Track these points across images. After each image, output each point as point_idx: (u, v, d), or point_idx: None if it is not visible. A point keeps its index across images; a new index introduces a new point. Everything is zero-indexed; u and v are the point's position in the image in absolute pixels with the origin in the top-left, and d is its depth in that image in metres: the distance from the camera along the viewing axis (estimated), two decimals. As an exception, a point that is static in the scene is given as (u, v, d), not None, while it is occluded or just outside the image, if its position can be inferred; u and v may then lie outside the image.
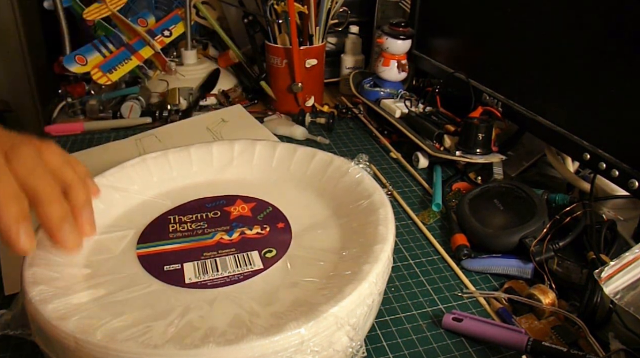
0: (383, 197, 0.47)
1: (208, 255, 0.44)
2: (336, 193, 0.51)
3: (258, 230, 0.47)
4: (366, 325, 0.39)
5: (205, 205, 0.51)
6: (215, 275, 0.41)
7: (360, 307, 0.36)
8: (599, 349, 0.42)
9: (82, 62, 0.87)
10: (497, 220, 0.55)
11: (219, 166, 0.56)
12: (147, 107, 0.86)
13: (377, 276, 0.38)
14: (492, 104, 0.69)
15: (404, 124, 0.77)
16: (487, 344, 0.43)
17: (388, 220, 0.44)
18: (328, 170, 0.53)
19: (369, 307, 0.38)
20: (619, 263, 0.41)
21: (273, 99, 0.91)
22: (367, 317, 0.38)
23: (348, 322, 0.35)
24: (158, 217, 0.49)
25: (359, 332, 0.37)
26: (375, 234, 0.43)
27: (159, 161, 0.55)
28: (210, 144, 0.57)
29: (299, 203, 0.51)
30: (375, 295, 0.38)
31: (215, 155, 0.56)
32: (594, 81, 0.55)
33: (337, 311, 0.34)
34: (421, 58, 0.86)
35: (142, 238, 0.46)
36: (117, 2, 0.90)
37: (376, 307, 0.41)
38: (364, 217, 0.46)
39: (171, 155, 0.55)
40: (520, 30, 0.64)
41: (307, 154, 0.55)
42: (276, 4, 0.83)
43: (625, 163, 0.52)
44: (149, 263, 0.43)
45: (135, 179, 0.53)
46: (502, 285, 0.50)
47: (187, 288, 0.40)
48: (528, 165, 0.70)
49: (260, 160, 0.56)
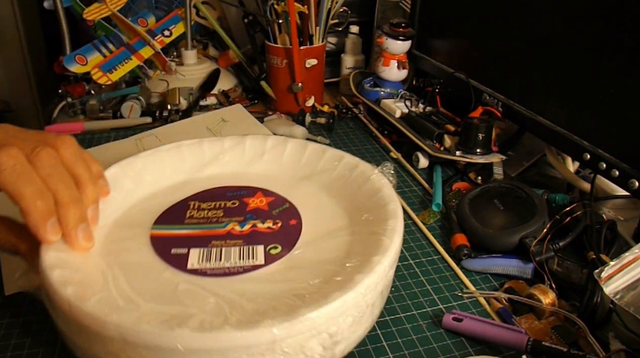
0: (397, 208, 0.46)
1: (216, 244, 0.44)
2: (355, 198, 0.50)
3: (270, 224, 0.47)
4: (352, 337, 0.38)
5: (226, 194, 0.52)
6: (217, 264, 0.42)
7: (343, 316, 0.36)
8: (599, 349, 0.42)
9: (82, 62, 0.87)
10: (497, 220, 0.55)
11: (249, 158, 0.57)
12: (147, 107, 0.86)
13: (367, 287, 0.37)
14: (492, 104, 0.69)
15: (404, 124, 0.77)
16: (487, 344, 0.43)
17: (395, 232, 0.43)
18: (352, 175, 0.52)
19: (355, 318, 0.37)
20: (619, 263, 0.41)
21: (273, 98, 0.91)
22: (353, 328, 0.37)
23: (327, 329, 0.35)
24: (180, 201, 0.51)
25: (339, 344, 0.36)
26: (377, 245, 0.42)
27: (194, 148, 0.57)
28: (245, 136, 0.58)
29: (316, 204, 0.51)
30: (364, 307, 0.37)
31: (248, 148, 0.58)
32: (594, 81, 0.55)
33: (315, 316, 0.34)
34: (421, 58, 0.86)
35: (160, 219, 0.48)
36: (117, 2, 0.90)
37: (367, 319, 0.39)
38: (374, 227, 0.45)
39: (206, 143, 0.57)
40: (520, 30, 0.64)
41: (334, 156, 0.55)
42: (276, 4, 0.83)
43: (625, 163, 0.52)
44: (158, 244, 0.45)
45: (168, 162, 0.55)
46: (502, 285, 0.50)
47: (187, 274, 0.41)
48: (528, 165, 0.70)
49: (290, 157, 0.57)
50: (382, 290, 0.40)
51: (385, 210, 0.46)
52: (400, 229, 0.44)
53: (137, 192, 0.52)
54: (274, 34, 0.86)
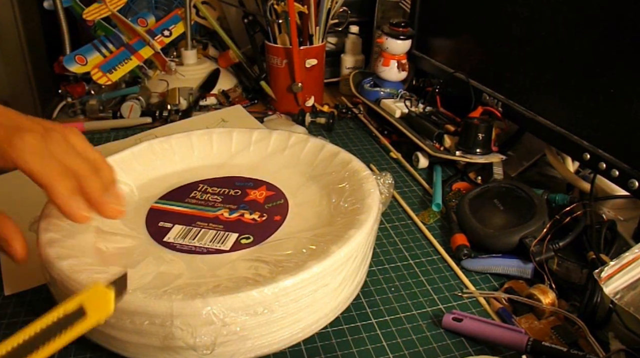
0: (370, 220, 0.45)
1: (199, 225, 0.48)
2: (346, 209, 0.49)
3: (256, 216, 0.50)
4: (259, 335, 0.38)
5: (235, 183, 0.55)
6: (189, 242, 0.46)
7: (236, 312, 0.36)
8: (599, 349, 0.42)
9: (82, 62, 0.87)
10: (497, 220, 0.55)
11: (271, 152, 0.59)
12: (147, 107, 0.86)
13: (272, 290, 0.37)
14: (492, 104, 0.69)
15: (404, 123, 0.77)
16: (487, 344, 0.43)
17: (350, 243, 0.41)
18: (357, 183, 0.52)
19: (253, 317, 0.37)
20: (619, 263, 0.41)
21: (273, 99, 0.91)
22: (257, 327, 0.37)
23: (222, 319, 0.35)
24: (191, 183, 0.55)
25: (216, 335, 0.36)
26: (324, 252, 0.40)
27: (223, 136, 0.60)
28: (272, 131, 0.61)
29: (310, 204, 0.52)
30: (260, 307, 0.37)
31: (272, 142, 0.60)
32: (594, 81, 0.55)
33: (212, 303, 0.35)
34: (421, 58, 0.86)
35: (167, 195, 0.53)
36: (117, 2, 0.90)
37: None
38: (343, 232, 0.44)
39: (235, 133, 0.60)
40: (520, 30, 0.64)
41: (344, 161, 0.55)
42: (276, 4, 0.83)
43: (625, 163, 0.52)
44: (152, 215, 0.49)
45: (196, 146, 0.59)
46: (502, 285, 0.50)
47: (160, 246, 0.45)
48: (528, 165, 0.70)
49: (307, 156, 0.58)
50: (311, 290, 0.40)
51: (360, 218, 0.45)
52: (362, 240, 0.43)
53: (161, 168, 0.57)
54: (273, 34, 0.86)
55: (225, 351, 0.37)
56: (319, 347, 0.43)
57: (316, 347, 0.43)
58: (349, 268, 0.42)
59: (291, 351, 0.43)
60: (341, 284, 0.41)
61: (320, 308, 0.41)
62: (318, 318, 0.41)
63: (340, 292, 0.42)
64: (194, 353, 0.36)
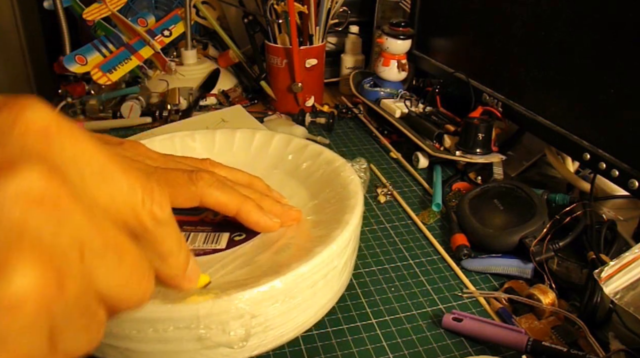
0: (359, 203, 0.46)
1: (187, 229, 0.46)
2: (333, 196, 0.50)
3: None
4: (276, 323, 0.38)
5: None
6: None
7: (268, 302, 0.36)
8: (599, 349, 0.42)
9: (82, 62, 0.87)
10: (497, 220, 0.55)
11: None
12: (147, 107, 0.86)
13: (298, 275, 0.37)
14: (492, 104, 0.69)
15: (404, 123, 0.77)
16: (487, 344, 0.43)
17: (332, 243, 0.41)
18: (336, 176, 0.52)
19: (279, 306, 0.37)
20: (619, 263, 0.41)
21: (273, 99, 0.91)
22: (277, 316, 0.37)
23: (249, 312, 0.35)
24: None
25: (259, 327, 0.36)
26: (320, 242, 0.41)
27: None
28: (254, 130, 0.60)
29: (297, 198, 0.51)
30: (282, 295, 0.37)
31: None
32: (594, 81, 0.55)
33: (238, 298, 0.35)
34: (421, 58, 0.86)
35: None
36: (117, 2, 0.90)
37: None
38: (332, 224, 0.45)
39: (218, 134, 0.59)
40: (521, 30, 0.64)
41: (315, 152, 0.55)
42: (276, 3, 0.83)
43: (625, 163, 0.52)
44: None
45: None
46: (502, 285, 0.50)
47: None
48: (528, 165, 0.70)
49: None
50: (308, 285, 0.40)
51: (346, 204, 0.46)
52: (342, 243, 0.42)
53: None
54: (273, 34, 0.86)
55: (250, 345, 0.37)
56: (319, 347, 0.43)
57: (316, 347, 0.43)
58: (349, 249, 0.43)
59: (291, 351, 0.43)
60: (344, 265, 0.42)
61: (330, 289, 0.41)
62: (328, 300, 0.42)
63: (343, 272, 0.43)
64: (226, 349, 0.36)
